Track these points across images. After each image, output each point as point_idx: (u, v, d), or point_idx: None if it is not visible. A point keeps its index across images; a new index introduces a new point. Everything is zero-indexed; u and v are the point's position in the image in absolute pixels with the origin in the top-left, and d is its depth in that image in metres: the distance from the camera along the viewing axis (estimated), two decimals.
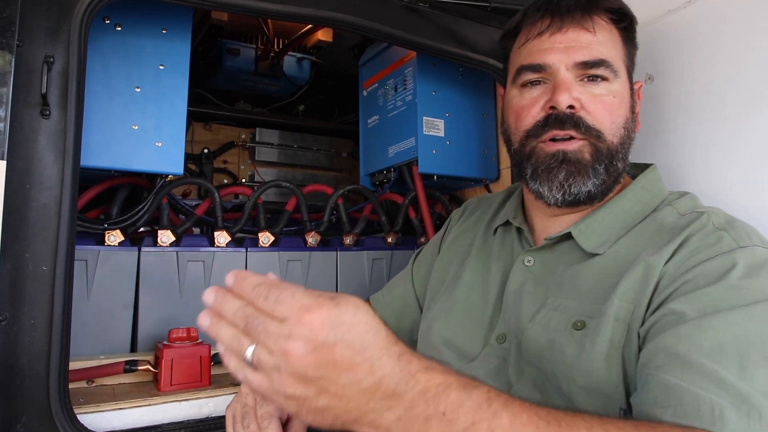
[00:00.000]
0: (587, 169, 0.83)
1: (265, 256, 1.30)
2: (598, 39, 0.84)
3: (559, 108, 0.83)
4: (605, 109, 0.83)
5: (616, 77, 0.84)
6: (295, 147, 1.92)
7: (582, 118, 0.83)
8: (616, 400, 0.71)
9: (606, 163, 0.84)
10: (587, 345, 0.73)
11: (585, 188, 0.83)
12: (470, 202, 1.18)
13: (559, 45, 0.85)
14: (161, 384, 1.01)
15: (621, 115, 0.85)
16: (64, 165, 0.85)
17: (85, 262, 1.09)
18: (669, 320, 0.67)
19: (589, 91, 0.84)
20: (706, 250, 0.71)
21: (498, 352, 0.85)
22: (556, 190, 0.84)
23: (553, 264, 0.86)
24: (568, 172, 0.83)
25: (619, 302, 0.73)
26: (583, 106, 0.83)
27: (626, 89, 0.87)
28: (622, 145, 0.85)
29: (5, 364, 0.80)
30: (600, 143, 0.83)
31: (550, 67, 0.85)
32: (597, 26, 0.85)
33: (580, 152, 0.83)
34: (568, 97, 0.82)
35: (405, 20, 1.20)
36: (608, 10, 0.86)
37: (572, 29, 0.84)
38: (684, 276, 0.70)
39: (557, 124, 0.83)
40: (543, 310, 0.81)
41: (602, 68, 0.83)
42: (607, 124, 0.83)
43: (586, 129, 0.83)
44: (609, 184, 0.85)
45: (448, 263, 1.07)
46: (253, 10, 1.04)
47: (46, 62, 0.84)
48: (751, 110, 0.93)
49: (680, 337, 0.64)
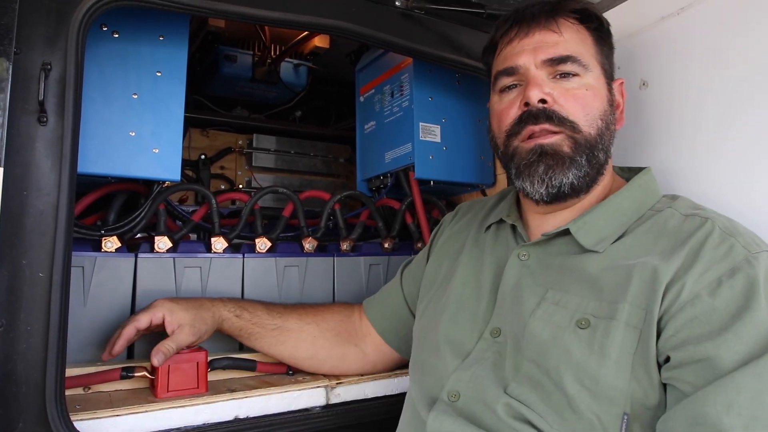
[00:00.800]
0: (566, 160, 0.85)
1: (262, 262, 1.30)
2: (564, 38, 0.88)
3: (531, 103, 0.86)
4: (577, 101, 0.87)
5: (587, 71, 0.88)
6: (292, 153, 1.93)
7: (555, 111, 0.86)
8: (620, 405, 0.71)
9: (587, 154, 0.86)
10: (596, 348, 0.73)
11: (566, 180, 0.86)
12: (463, 205, 1.20)
13: (527, 47, 0.89)
14: (158, 390, 1.00)
15: (596, 108, 0.88)
16: (61, 171, 0.85)
17: (82, 268, 1.09)
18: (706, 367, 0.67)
19: (561, 86, 0.87)
20: (721, 262, 0.72)
21: (493, 346, 0.86)
22: (538, 184, 0.86)
23: (548, 259, 0.87)
24: (547, 165, 0.86)
25: (630, 308, 0.73)
26: (555, 100, 0.86)
27: (601, 83, 0.90)
28: (600, 137, 0.87)
29: (1, 371, 0.79)
30: (577, 134, 0.86)
31: (521, 67, 0.89)
32: (562, 27, 0.89)
33: (558, 145, 0.86)
34: (538, 92, 0.86)
35: (401, 27, 1.21)
36: (575, 12, 0.91)
37: (539, 32, 0.89)
38: (708, 300, 0.69)
39: (531, 119, 0.86)
40: (543, 305, 0.81)
41: (569, 63, 0.87)
42: (580, 116, 0.86)
43: (559, 121, 0.85)
44: (593, 175, 0.88)
45: (440, 264, 1.08)
46: (250, 17, 1.04)
47: (43, 69, 0.84)
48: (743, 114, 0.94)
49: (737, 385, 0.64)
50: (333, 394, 1.13)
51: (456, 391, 0.85)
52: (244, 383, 1.11)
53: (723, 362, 0.66)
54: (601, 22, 0.93)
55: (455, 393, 0.85)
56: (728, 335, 0.67)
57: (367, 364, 1.19)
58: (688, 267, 0.72)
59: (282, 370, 1.18)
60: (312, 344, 1.14)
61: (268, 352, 1.15)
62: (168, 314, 1.04)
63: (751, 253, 0.72)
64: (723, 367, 0.66)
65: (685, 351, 0.69)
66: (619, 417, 0.70)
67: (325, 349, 1.15)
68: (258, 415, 1.05)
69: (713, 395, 0.65)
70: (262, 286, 1.29)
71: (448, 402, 0.85)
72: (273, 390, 1.08)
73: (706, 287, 0.70)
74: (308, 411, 1.10)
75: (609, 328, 0.73)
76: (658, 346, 0.71)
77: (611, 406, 0.71)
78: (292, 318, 1.14)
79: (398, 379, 1.21)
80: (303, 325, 1.14)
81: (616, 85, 0.95)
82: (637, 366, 0.71)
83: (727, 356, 0.66)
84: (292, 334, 1.13)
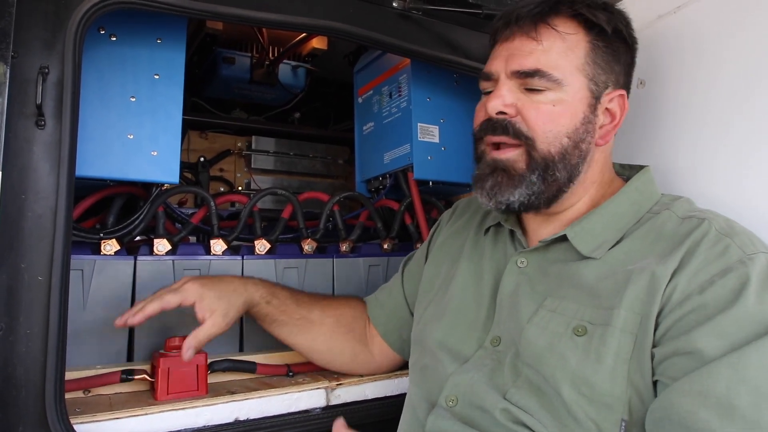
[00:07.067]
0: (514, 179, 0.84)
1: (262, 264, 1.30)
2: (542, 47, 0.83)
3: (489, 113, 0.85)
4: (541, 116, 0.83)
5: (560, 86, 0.82)
6: (291, 154, 1.93)
7: (513, 124, 0.83)
8: (617, 412, 0.71)
9: (540, 172, 0.83)
10: (592, 355, 0.73)
11: (513, 198, 0.84)
12: (460, 202, 1.19)
13: (504, 53, 0.86)
14: (158, 393, 1.00)
15: (562, 124, 0.83)
16: (59, 175, 0.85)
17: (81, 271, 1.09)
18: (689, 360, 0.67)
19: (530, 98, 0.84)
20: (715, 262, 0.71)
21: (492, 355, 0.85)
22: (486, 198, 0.86)
23: (546, 266, 0.87)
24: (494, 181, 0.85)
25: (625, 313, 0.72)
26: (519, 111, 0.84)
27: (578, 98, 0.84)
28: (562, 155, 0.83)
29: (1, 374, 0.79)
30: (533, 151, 0.83)
31: (494, 75, 0.87)
32: (544, 34, 0.84)
33: (514, 161, 0.84)
34: (498, 103, 0.84)
35: (399, 28, 1.21)
36: (570, 17, 0.85)
37: (518, 38, 0.85)
38: (698, 297, 0.69)
39: (491, 130, 0.85)
40: (541, 312, 0.81)
41: (537, 78, 0.82)
42: (539, 132, 0.83)
43: (515, 134, 0.83)
44: (551, 193, 0.85)
45: (439, 265, 1.07)
46: (247, 20, 1.04)
47: (41, 73, 0.84)
48: (740, 112, 0.94)
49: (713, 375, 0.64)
50: (333, 395, 1.13)
51: (454, 396, 0.85)
52: (244, 385, 1.11)
53: (704, 355, 0.66)
54: (602, 27, 0.85)
55: (453, 398, 0.85)
56: (710, 328, 0.67)
57: (373, 364, 1.18)
58: (682, 268, 0.72)
59: (282, 371, 1.18)
60: (329, 338, 1.14)
61: (285, 339, 1.13)
62: (199, 300, 0.98)
63: (746, 254, 0.71)
64: (704, 359, 0.66)
65: (669, 346, 0.69)
66: (617, 423, 0.70)
67: (339, 346, 1.15)
68: (258, 416, 1.05)
69: (688, 385, 0.65)
70: None
71: (446, 407, 0.85)
72: (273, 392, 1.08)
73: (697, 288, 0.70)
74: (308, 412, 1.10)
75: (605, 335, 0.73)
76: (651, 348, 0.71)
77: (609, 412, 0.71)
78: (316, 310, 1.13)
79: (398, 380, 1.21)
80: (324, 318, 1.13)
81: (612, 97, 0.87)
82: (633, 372, 0.71)
83: (709, 349, 0.65)
84: (313, 326, 1.12)
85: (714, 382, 0.63)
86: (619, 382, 0.71)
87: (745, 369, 0.63)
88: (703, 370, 0.65)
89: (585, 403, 0.72)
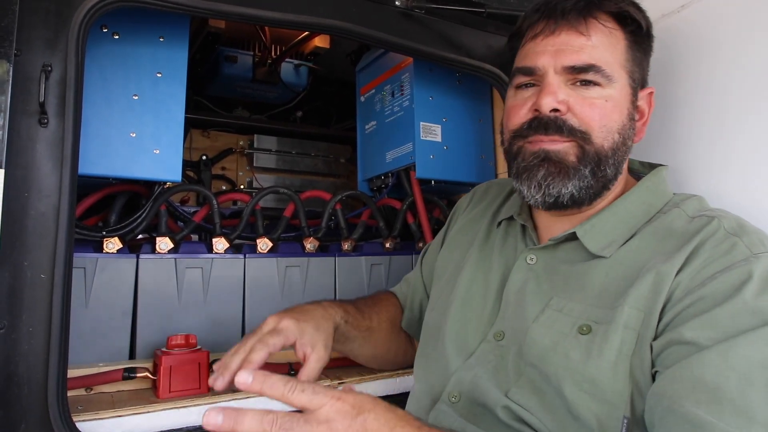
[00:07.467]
0: (569, 170, 0.81)
1: (264, 263, 1.30)
2: (592, 43, 0.82)
3: (542, 111, 0.82)
4: (595, 111, 0.81)
5: (611, 82, 0.82)
6: (293, 153, 1.93)
7: (566, 121, 0.81)
8: (619, 408, 0.70)
9: (592, 166, 0.82)
10: (594, 351, 0.72)
11: (566, 190, 0.82)
12: (478, 188, 1.17)
13: (550, 48, 0.83)
14: (160, 391, 1.00)
15: (614, 120, 0.82)
16: (62, 173, 0.85)
17: (84, 269, 1.09)
18: (683, 349, 0.66)
19: (579, 94, 0.82)
20: (720, 259, 0.70)
21: (496, 349, 0.85)
22: (535, 189, 0.83)
23: (555, 263, 0.86)
24: (547, 171, 0.82)
25: (629, 310, 0.72)
26: (570, 108, 0.81)
27: (624, 95, 0.84)
28: (614, 151, 0.83)
29: (3, 372, 0.79)
30: (587, 145, 0.81)
31: (539, 70, 0.84)
32: (593, 29, 0.83)
33: (565, 153, 0.82)
34: (551, 100, 0.81)
35: (401, 26, 1.20)
36: (611, 13, 0.84)
37: (565, 32, 0.83)
38: (698, 291, 0.69)
39: (541, 129, 0.82)
40: (547, 311, 0.81)
41: (591, 73, 0.81)
42: (595, 126, 0.81)
43: (569, 132, 0.81)
44: (597, 189, 0.83)
45: (452, 251, 1.07)
46: (250, 18, 1.04)
47: (44, 71, 0.84)
48: (745, 111, 0.94)
49: (703, 363, 0.64)
50: None
51: (457, 393, 0.85)
52: None
53: (698, 345, 0.65)
54: (639, 25, 0.85)
55: (456, 394, 0.85)
56: (706, 320, 0.66)
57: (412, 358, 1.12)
58: (687, 265, 0.71)
59: (284, 370, 1.18)
60: (387, 341, 1.12)
61: (351, 352, 1.08)
62: (300, 336, 0.90)
63: (753, 254, 0.70)
64: (698, 349, 0.65)
65: (666, 337, 0.69)
66: (618, 420, 0.70)
67: (395, 346, 1.14)
68: None
69: (679, 372, 0.65)
70: (264, 287, 1.29)
71: (448, 403, 0.85)
72: None
73: (699, 284, 0.69)
74: None
75: (608, 332, 0.72)
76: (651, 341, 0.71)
77: (611, 409, 0.71)
78: (374, 316, 1.09)
79: (400, 379, 1.21)
80: (381, 323, 1.10)
81: (644, 95, 0.88)
82: (635, 367, 0.70)
83: (703, 339, 0.65)
84: (373, 333, 1.09)
85: (704, 369, 0.63)
86: (620, 378, 0.70)
87: (735, 357, 0.63)
88: (693, 357, 0.65)
89: (588, 400, 0.72)
